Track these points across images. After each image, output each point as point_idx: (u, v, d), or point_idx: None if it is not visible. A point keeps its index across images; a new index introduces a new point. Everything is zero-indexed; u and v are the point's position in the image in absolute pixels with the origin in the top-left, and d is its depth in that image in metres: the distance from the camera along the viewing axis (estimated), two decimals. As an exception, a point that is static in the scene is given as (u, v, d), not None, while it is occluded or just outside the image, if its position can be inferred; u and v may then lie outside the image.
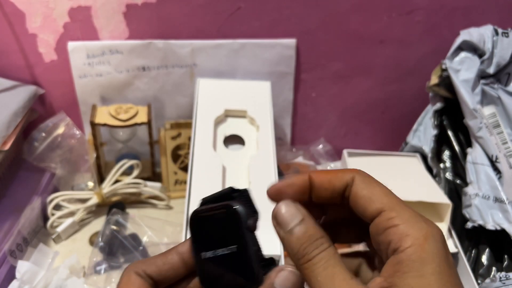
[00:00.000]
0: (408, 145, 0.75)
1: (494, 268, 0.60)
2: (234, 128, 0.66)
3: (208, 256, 0.26)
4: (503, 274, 0.57)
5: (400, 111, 0.83)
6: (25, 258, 0.59)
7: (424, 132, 0.73)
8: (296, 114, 0.82)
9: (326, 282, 0.23)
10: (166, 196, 0.72)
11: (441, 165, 0.71)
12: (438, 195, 0.64)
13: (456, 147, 0.70)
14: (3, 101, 0.66)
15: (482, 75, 0.66)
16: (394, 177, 0.68)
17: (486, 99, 0.66)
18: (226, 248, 0.26)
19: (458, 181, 0.69)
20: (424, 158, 0.72)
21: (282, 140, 0.84)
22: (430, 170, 0.70)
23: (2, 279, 0.56)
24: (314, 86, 0.79)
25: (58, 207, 0.68)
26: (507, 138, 0.64)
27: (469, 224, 0.60)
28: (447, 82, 0.67)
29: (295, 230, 0.25)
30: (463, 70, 0.65)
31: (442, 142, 0.72)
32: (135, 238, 0.63)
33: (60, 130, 0.69)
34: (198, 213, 0.27)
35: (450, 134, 0.70)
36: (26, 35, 0.69)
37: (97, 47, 0.70)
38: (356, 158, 0.72)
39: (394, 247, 0.23)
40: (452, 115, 0.70)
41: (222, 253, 0.26)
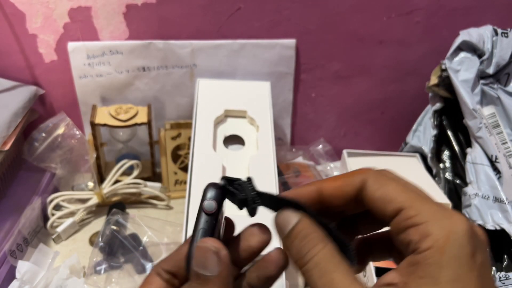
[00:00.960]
0: (407, 145, 0.75)
1: (493, 268, 0.60)
2: (234, 128, 0.66)
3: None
4: (502, 274, 0.57)
5: (399, 111, 0.83)
6: (25, 258, 0.59)
7: (423, 132, 0.73)
8: (296, 114, 0.82)
9: (326, 285, 0.22)
10: (166, 196, 0.72)
11: (440, 165, 0.71)
12: (438, 195, 0.64)
13: (456, 147, 0.70)
14: (4, 101, 0.66)
15: (482, 75, 0.66)
16: (394, 177, 0.68)
17: (486, 99, 0.66)
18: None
19: (458, 181, 0.69)
20: (423, 158, 0.72)
21: (282, 140, 0.84)
22: (429, 170, 0.71)
23: (2, 279, 0.56)
24: (313, 87, 0.79)
25: (58, 207, 0.68)
26: (507, 138, 0.64)
27: (468, 224, 0.60)
28: (446, 82, 0.67)
29: (291, 233, 0.24)
30: (462, 70, 0.65)
31: (441, 142, 0.72)
32: (135, 238, 0.63)
33: (60, 131, 0.69)
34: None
35: (450, 134, 0.70)
36: (26, 36, 0.69)
37: (97, 48, 0.70)
38: (356, 158, 0.73)
39: (413, 248, 0.21)
40: (452, 115, 0.70)
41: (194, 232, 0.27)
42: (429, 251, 0.20)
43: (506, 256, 0.60)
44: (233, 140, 0.65)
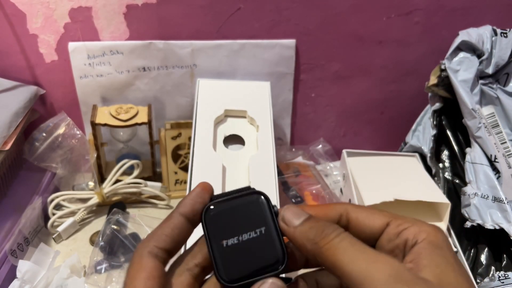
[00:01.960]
0: (407, 145, 0.75)
1: (493, 268, 0.60)
2: (234, 128, 0.66)
3: (232, 243, 0.27)
4: (502, 273, 0.58)
5: (399, 111, 0.83)
6: (26, 257, 0.60)
7: (423, 132, 0.73)
8: (296, 114, 0.82)
9: (357, 256, 0.23)
10: (166, 195, 0.72)
11: (440, 164, 0.71)
12: (437, 195, 0.64)
13: (455, 147, 0.70)
14: (4, 101, 0.66)
15: (481, 75, 0.66)
16: (393, 177, 0.68)
17: (485, 99, 0.66)
18: (253, 231, 0.27)
19: (457, 180, 0.69)
20: (423, 158, 0.73)
21: (281, 140, 0.84)
22: (429, 170, 0.71)
23: (3, 278, 0.56)
24: (313, 87, 0.79)
25: (58, 206, 0.68)
26: (506, 138, 0.64)
27: (468, 224, 0.60)
28: (446, 82, 0.67)
29: (306, 222, 0.26)
30: (462, 70, 0.65)
31: (441, 142, 0.72)
32: (135, 238, 0.63)
33: (60, 130, 0.69)
34: (215, 204, 0.28)
35: (449, 134, 0.71)
36: (27, 36, 0.69)
37: (97, 48, 0.71)
38: (355, 158, 0.73)
39: (411, 243, 0.25)
40: (451, 115, 0.71)
41: (249, 237, 0.27)
42: (427, 239, 0.25)
43: (505, 255, 0.61)
44: (233, 140, 0.65)
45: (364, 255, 0.23)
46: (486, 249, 0.62)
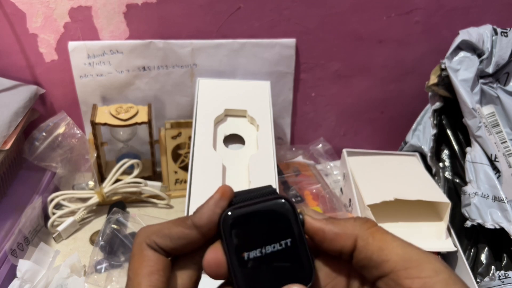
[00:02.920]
0: (407, 144, 0.75)
1: (493, 267, 0.60)
2: (234, 128, 0.66)
3: (254, 255, 0.24)
4: (502, 272, 0.57)
5: (399, 111, 0.83)
6: (26, 257, 0.60)
7: (423, 132, 0.73)
8: (296, 113, 0.82)
9: (395, 238, 0.25)
10: (166, 195, 0.72)
11: (440, 164, 0.71)
12: (437, 194, 0.64)
13: (455, 147, 0.70)
14: (4, 100, 0.66)
15: (481, 75, 0.66)
16: (394, 176, 0.68)
17: (485, 99, 0.66)
18: (278, 243, 0.25)
19: (457, 180, 0.69)
20: (423, 157, 0.73)
21: (282, 139, 0.84)
22: (429, 169, 0.71)
23: (3, 278, 0.56)
24: (313, 86, 0.79)
25: (58, 206, 0.68)
26: (506, 137, 0.64)
27: (468, 223, 0.60)
28: (446, 82, 0.67)
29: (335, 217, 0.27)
30: (462, 70, 0.65)
31: (441, 141, 0.72)
32: (135, 237, 0.63)
33: (60, 130, 0.69)
34: (234, 210, 0.25)
35: (449, 133, 0.71)
36: (26, 35, 0.69)
37: (97, 47, 0.71)
38: (356, 158, 0.73)
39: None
40: (451, 115, 0.70)
41: (273, 249, 0.25)
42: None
43: (505, 255, 0.61)
44: (233, 139, 0.65)
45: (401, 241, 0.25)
46: (486, 248, 0.62)
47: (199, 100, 0.67)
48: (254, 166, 0.59)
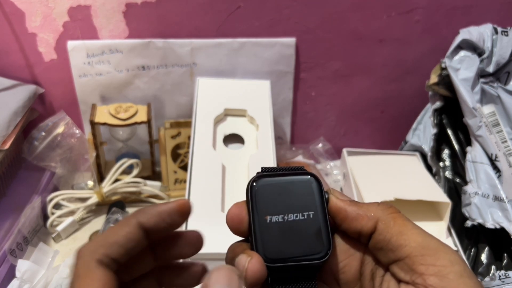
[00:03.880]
0: (407, 144, 0.75)
1: (493, 267, 0.60)
2: (234, 127, 0.66)
3: (276, 220, 0.26)
4: (502, 272, 0.57)
5: (399, 110, 0.83)
6: (25, 257, 0.59)
7: (423, 131, 0.73)
8: (296, 113, 0.82)
9: (416, 226, 0.25)
10: (166, 195, 0.72)
11: (440, 164, 0.71)
12: (438, 194, 0.64)
13: (456, 146, 0.70)
14: (3, 100, 0.66)
15: (482, 74, 0.66)
16: (394, 176, 0.68)
17: (486, 98, 0.66)
18: (300, 213, 0.26)
19: (458, 179, 0.69)
20: (423, 157, 0.72)
21: (281, 139, 0.84)
22: (429, 169, 0.71)
23: (2, 278, 0.56)
24: (313, 85, 0.79)
25: (58, 206, 0.68)
26: (507, 136, 0.64)
27: (468, 223, 0.60)
28: (446, 81, 0.67)
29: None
30: (462, 69, 0.65)
31: (441, 141, 0.72)
32: (135, 237, 0.63)
33: (60, 129, 0.69)
34: (265, 176, 0.27)
35: (450, 133, 0.70)
36: (26, 35, 0.69)
37: (97, 46, 0.70)
38: (356, 157, 0.73)
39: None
40: (452, 114, 0.70)
41: (295, 218, 0.26)
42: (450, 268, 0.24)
43: (505, 254, 0.60)
44: (233, 139, 0.65)
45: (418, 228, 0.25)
46: (487, 248, 0.62)
47: (198, 100, 0.67)
48: (253, 166, 0.59)
